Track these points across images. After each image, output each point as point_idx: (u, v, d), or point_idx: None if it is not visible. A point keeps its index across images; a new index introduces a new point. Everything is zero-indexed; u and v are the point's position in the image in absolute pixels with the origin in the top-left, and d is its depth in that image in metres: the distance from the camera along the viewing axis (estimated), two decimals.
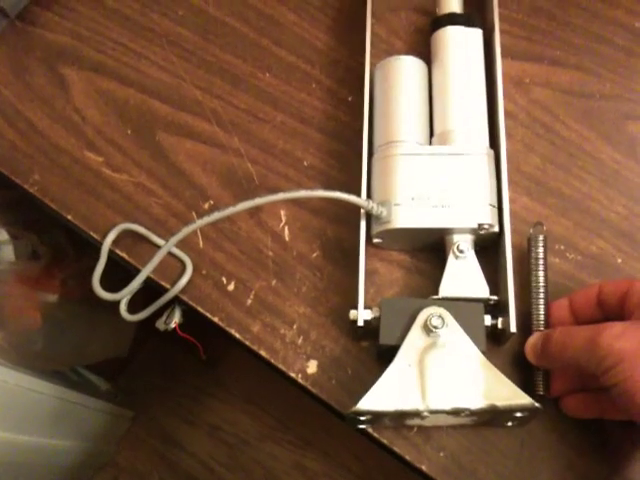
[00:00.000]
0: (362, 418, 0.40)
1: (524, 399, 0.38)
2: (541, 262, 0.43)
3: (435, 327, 0.39)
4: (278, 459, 1.19)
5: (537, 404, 0.38)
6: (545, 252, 0.43)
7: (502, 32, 0.50)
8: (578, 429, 0.42)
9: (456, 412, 0.38)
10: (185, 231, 0.43)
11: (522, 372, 0.43)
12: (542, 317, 0.42)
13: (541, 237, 0.43)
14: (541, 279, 0.43)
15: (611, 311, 0.40)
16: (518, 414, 0.39)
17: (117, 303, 0.48)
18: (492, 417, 0.40)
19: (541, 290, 0.42)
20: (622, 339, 0.35)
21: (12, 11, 0.56)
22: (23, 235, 0.77)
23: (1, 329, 0.76)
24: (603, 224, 0.47)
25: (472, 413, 0.39)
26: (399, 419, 0.40)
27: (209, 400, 1.23)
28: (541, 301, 0.42)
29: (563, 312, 0.42)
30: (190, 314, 0.50)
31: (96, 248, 0.51)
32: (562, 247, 0.47)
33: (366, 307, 0.42)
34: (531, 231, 0.44)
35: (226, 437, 1.20)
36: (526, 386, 0.41)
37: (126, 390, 1.18)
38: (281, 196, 0.42)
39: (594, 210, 0.48)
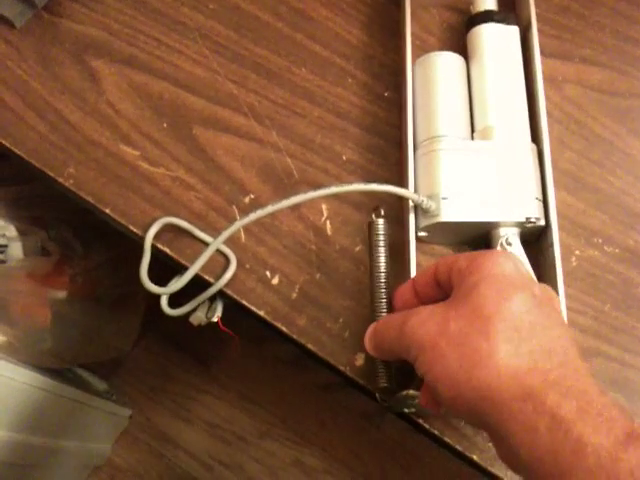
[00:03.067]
0: (412, 402, 0.40)
1: None
2: (382, 246, 0.42)
3: None
4: (276, 456, 1.18)
5: None
6: (385, 237, 0.42)
7: None
8: None
9: None
10: (238, 225, 0.43)
11: None
12: (383, 303, 0.41)
13: (380, 221, 0.42)
14: (382, 263, 0.41)
15: (447, 289, 0.36)
16: None
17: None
18: None
19: (382, 274, 0.41)
20: (423, 327, 0.33)
21: (39, 2, 0.55)
22: (32, 231, 0.76)
23: (11, 326, 0.74)
24: (638, 218, 0.49)
25: None
26: None
27: (205, 397, 1.22)
28: (382, 286, 0.41)
29: (408, 295, 0.39)
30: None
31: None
32: (600, 240, 0.48)
33: None
34: (373, 216, 0.42)
35: (223, 434, 1.20)
36: None
37: (121, 389, 1.17)
38: (334, 189, 0.42)
39: (628, 204, 0.49)
